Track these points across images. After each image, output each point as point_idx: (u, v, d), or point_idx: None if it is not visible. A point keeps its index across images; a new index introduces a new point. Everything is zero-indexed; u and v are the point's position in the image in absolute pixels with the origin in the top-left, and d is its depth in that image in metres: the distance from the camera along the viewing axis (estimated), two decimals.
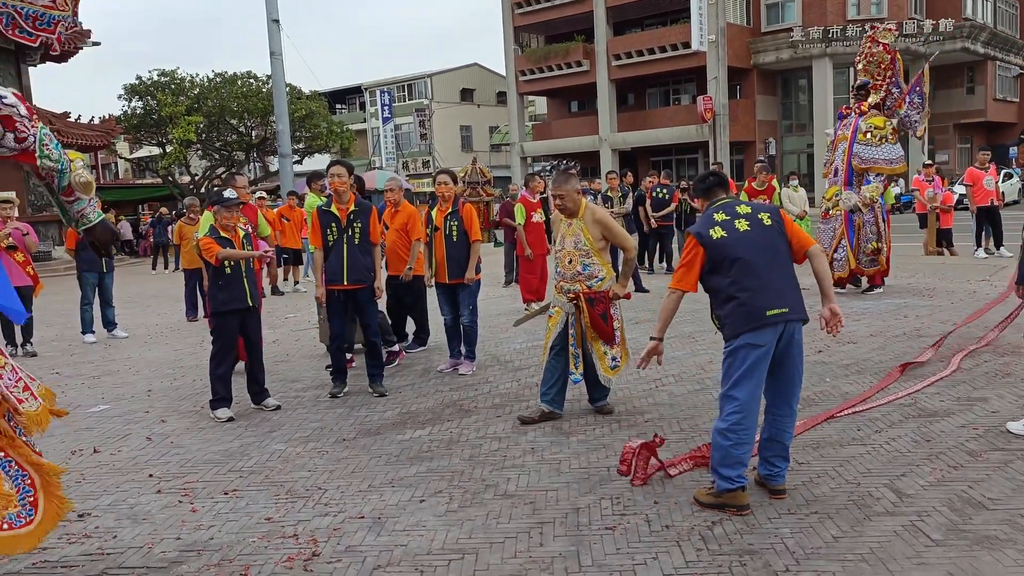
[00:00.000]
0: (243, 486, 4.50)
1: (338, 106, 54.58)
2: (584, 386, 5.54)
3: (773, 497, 3.91)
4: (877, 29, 10.08)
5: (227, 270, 5.91)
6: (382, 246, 6.87)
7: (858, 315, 8.61)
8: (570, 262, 5.32)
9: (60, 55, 25.24)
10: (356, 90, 54.40)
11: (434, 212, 6.94)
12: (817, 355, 6.71)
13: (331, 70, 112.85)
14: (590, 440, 4.98)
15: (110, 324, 10.17)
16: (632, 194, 13.17)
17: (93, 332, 9.95)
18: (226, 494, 4.39)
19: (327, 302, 6.34)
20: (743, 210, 3.95)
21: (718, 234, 3.86)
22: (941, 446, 4.51)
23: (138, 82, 32.00)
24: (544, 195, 11.30)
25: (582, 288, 5.27)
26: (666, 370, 6.67)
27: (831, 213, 9.89)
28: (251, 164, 39.00)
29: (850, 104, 10.09)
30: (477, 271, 6.90)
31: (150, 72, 33.75)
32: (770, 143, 37.14)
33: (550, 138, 43.05)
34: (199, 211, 10.16)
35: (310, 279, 13.97)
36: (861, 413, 5.18)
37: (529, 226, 10.45)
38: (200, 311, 10.22)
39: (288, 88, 26.40)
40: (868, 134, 9.48)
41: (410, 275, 7.68)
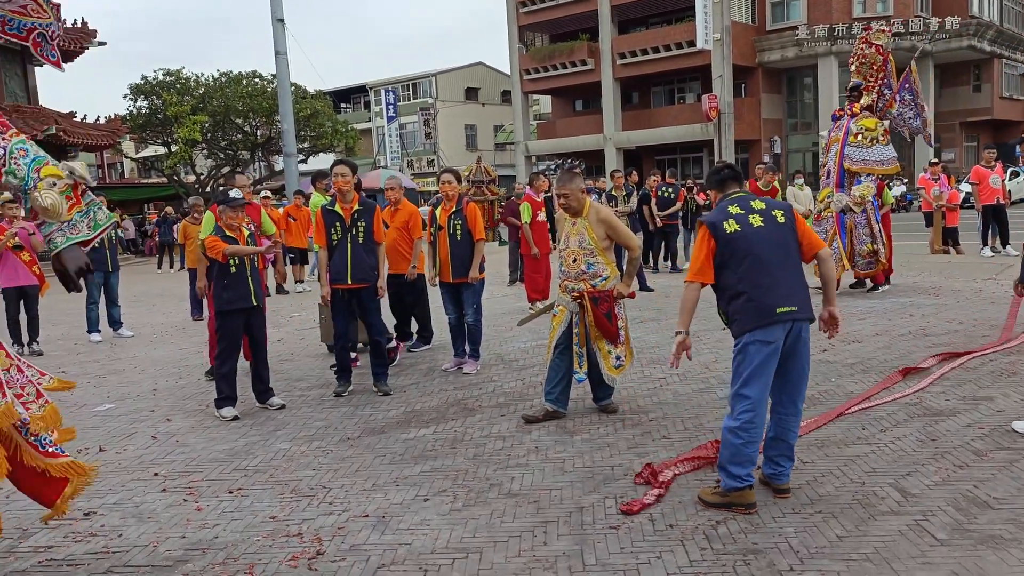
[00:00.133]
0: (248, 485, 4.51)
1: (343, 105, 54.62)
2: (588, 385, 5.54)
3: (777, 496, 3.91)
4: (871, 30, 10.06)
5: (232, 269, 5.92)
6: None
7: (863, 314, 8.60)
8: (574, 261, 5.31)
9: (66, 55, 25.34)
10: (361, 89, 54.46)
11: (438, 211, 6.95)
12: (822, 354, 6.69)
13: (336, 69, 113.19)
14: (594, 439, 4.98)
15: (116, 323, 10.20)
16: (636, 193, 13.15)
17: (99, 331, 9.98)
18: (231, 493, 4.40)
19: (331, 301, 6.35)
20: (758, 205, 3.93)
21: (732, 228, 3.84)
22: (946, 445, 4.50)
23: (143, 82, 32.04)
24: (548, 194, 11.30)
25: (586, 287, 5.26)
26: (670, 369, 6.64)
27: (823, 215, 9.88)
28: (256, 163, 39.03)
29: (843, 106, 10.09)
30: (481, 270, 6.91)
31: (155, 72, 33.85)
32: (775, 141, 37.07)
33: (555, 137, 43.05)
34: (203, 210, 10.17)
35: (314, 278, 14.00)
36: (866, 412, 5.18)
37: (534, 225, 10.45)
38: (205, 311, 10.23)
39: (293, 87, 26.44)
40: (859, 136, 9.46)
41: (414, 274, 7.72)
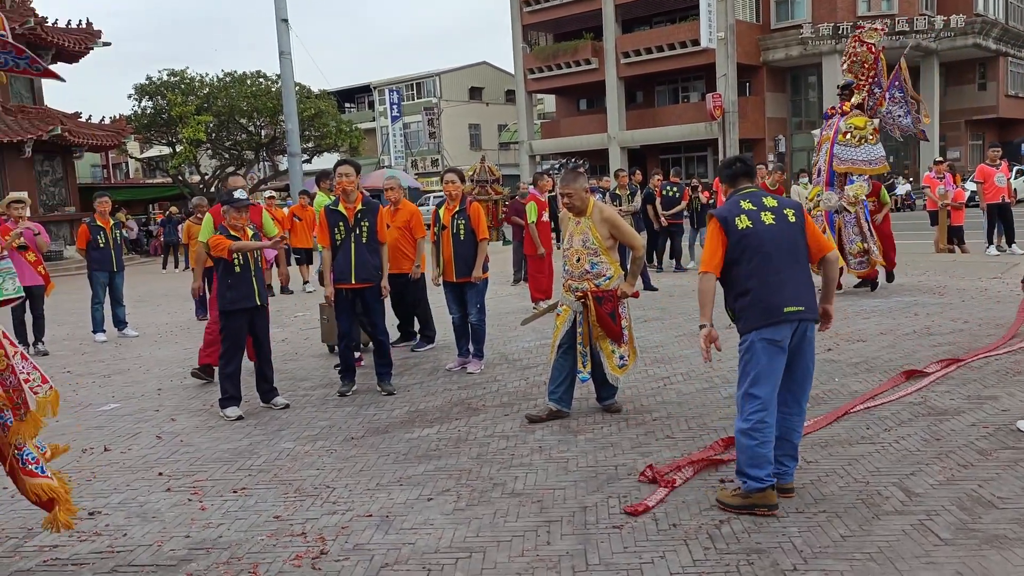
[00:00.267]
0: (252, 484, 4.52)
1: (347, 105, 54.66)
2: (592, 385, 5.54)
3: (781, 496, 3.88)
4: (863, 28, 10.02)
5: (236, 269, 5.93)
6: None
7: (868, 313, 8.58)
8: (578, 260, 5.31)
9: (71, 56, 25.42)
10: (365, 89, 54.49)
11: (441, 211, 6.95)
12: (826, 353, 6.68)
13: (340, 69, 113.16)
14: (598, 439, 4.97)
15: (121, 323, 10.22)
16: (640, 192, 13.14)
17: (104, 331, 10.00)
18: (235, 492, 4.41)
19: (335, 301, 6.36)
20: (770, 203, 3.90)
21: (744, 224, 3.81)
22: (951, 445, 4.49)
23: (148, 82, 32.11)
24: (552, 194, 11.30)
25: (590, 287, 5.26)
26: (674, 368, 6.66)
27: (812, 214, 9.87)
28: (260, 163, 39.10)
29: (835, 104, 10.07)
30: (484, 269, 6.91)
31: (160, 72, 33.89)
32: (779, 140, 37.01)
33: (559, 136, 43.02)
34: (207, 210, 10.19)
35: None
36: (870, 411, 5.16)
37: (539, 224, 10.45)
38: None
39: (297, 87, 26.49)
40: (848, 134, 9.43)
41: (418, 273, 7.75)
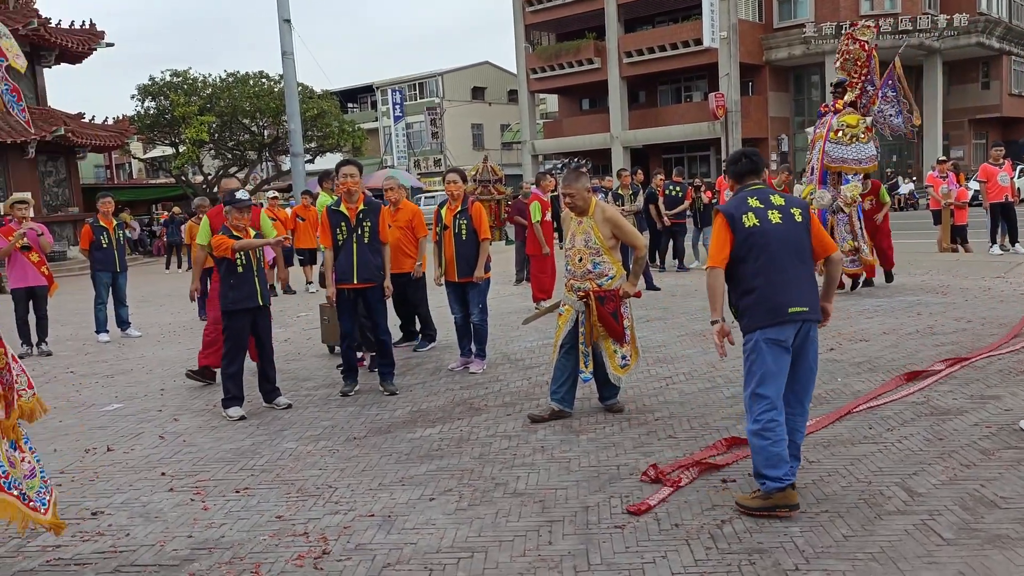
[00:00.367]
0: (254, 484, 4.53)
1: (350, 105, 54.70)
2: (594, 384, 5.54)
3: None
4: (856, 26, 10.00)
5: (239, 269, 5.93)
6: None
7: (871, 312, 8.57)
8: (580, 260, 5.31)
9: (75, 56, 25.49)
10: (367, 89, 54.52)
11: (443, 210, 6.95)
12: (829, 353, 6.67)
13: (342, 69, 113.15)
14: (600, 439, 4.97)
15: (124, 323, 10.24)
16: (642, 192, 13.14)
17: (107, 331, 10.02)
18: (237, 492, 4.42)
19: (337, 301, 6.37)
20: (777, 201, 3.88)
21: (751, 221, 3.80)
22: (953, 444, 4.48)
23: (151, 83, 32.17)
24: (554, 193, 11.30)
25: (592, 286, 5.26)
26: (676, 368, 6.66)
27: None
28: (263, 163, 39.13)
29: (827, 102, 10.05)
30: (486, 269, 6.91)
31: (163, 73, 33.94)
32: (782, 140, 36.96)
33: (561, 136, 43.00)
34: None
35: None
36: (873, 411, 5.16)
37: (542, 224, 10.45)
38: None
39: (300, 87, 26.47)
40: (840, 132, 9.40)
41: (420, 271, 7.77)
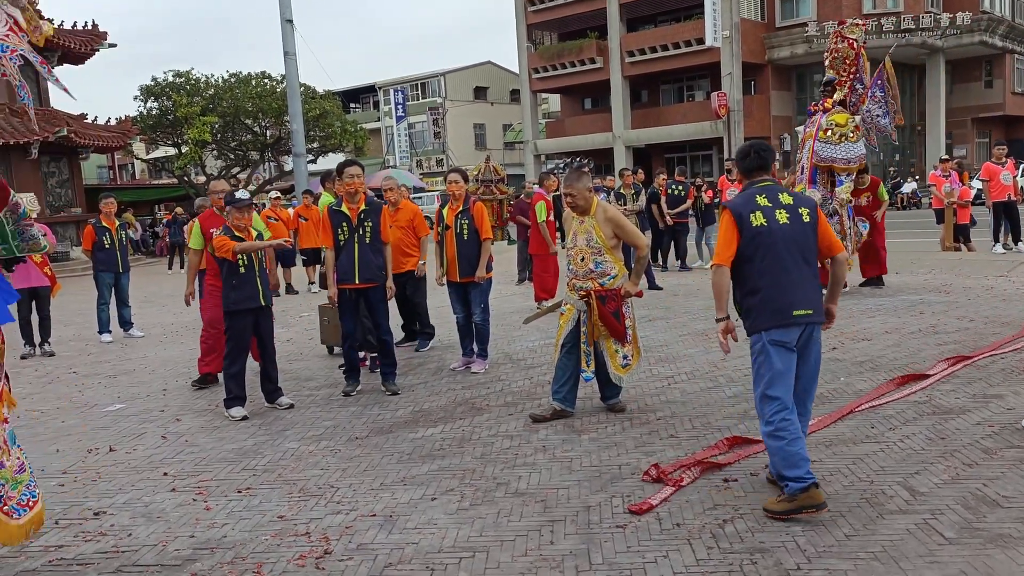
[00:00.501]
0: (256, 484, 4.54)
1: (352, 105, 54.71)
2: (596, 384, 5.54)
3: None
4: (845, 24, 9.95)
5: (241, 269, 5.94)
6: None
7: (873, 312, 8.55)
8: (582, 260, 5.31)
9: (77, 57, 25.51)
10: (370, 89, 54.52)
11: (445, 210, 6.96)
12: (831, 352, 6.66)
13: (345, 69, 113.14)
14: (602, 438, 4.97)
15: (126, 324, 10.25)
16: (645, 191, 13.12)
17: (110, 332, 10.04)
18: (240, 492, 4.42)
19: (339, 301, 6.37)
20: (785, 200, 3.85)
21: (758, 221, 3.77)
22: (956, 443, 4.48)
23: (153, 83, 32.21)
24: (557, 193, 11.30)
25: (594, 286, 5.26)
26: (679, 367, 6.66)
27: None
28: (266, 164, 39.15)
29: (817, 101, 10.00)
30: (488, 269, 6.91)
31: (165, 73, 33.94)
32: (785, 139, 36.89)
33: (564, 135, 42.98)
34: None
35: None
36: (875, 410, 5.15)
37: (548, 223, 10.45)
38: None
39: (302, 88, 26.49)
40: (829, 132, 9.35)
41: (424, 270, 7.78)
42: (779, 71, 37.49)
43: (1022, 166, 24.19)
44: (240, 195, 6.03)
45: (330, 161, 31.45)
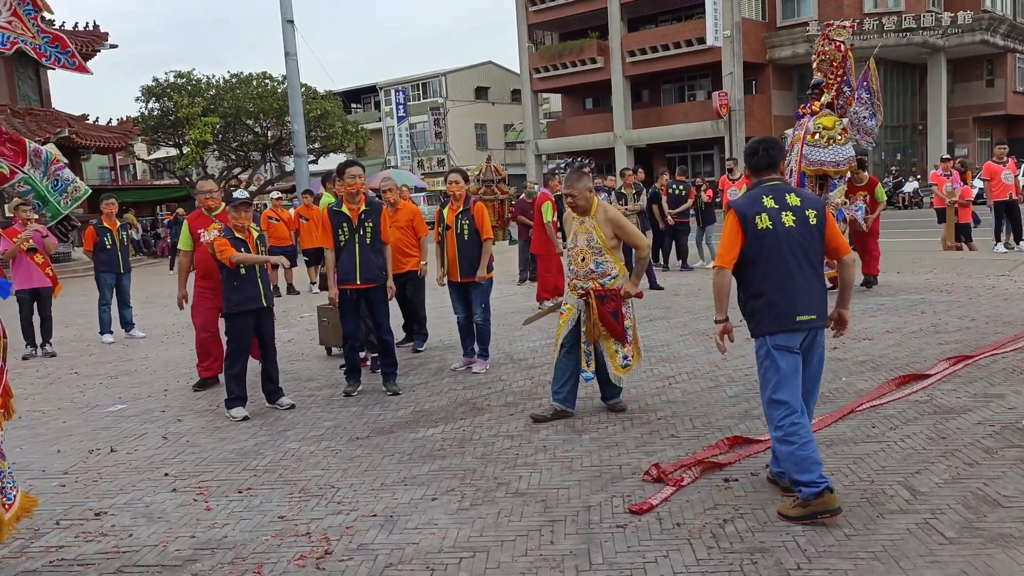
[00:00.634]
0: (257, 485, 4.54)
1: (353, 105, 54.75)
2: (597, 383, 5.54)
3: (786, 495, 3.88)
4: (832, 26, 9.93)
5: (242, 270, 5.96)
6: None
7: (874, 311, 8.55)
8: (583, 260, 5.31)
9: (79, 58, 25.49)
10: (371, 89, 54.57)
11: (445, 210, 6.96)
12: (832, 352, 6.66)
13: (346, 70, 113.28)
14: (602, 438, 4.97)
15: (128, 324, 10.26)
16: (646, 191, 13.12)
17: (111, 332, 10.04)
18: (240, 493, 4.43)
19: (339, 302, 6.37)
20: (792, 201, 3.77)
21: (763, 223, 3.71)
22: (957, 443, 4.47)
23: (155, 84, 32.23)
24: (559, 193, 11.30)
25: (595, 286, 5.26)
26: (679, 367, 6.65)
27: None
28: (267, 164, 39.18)
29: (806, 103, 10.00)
30: (489, 269, 6.91)
31: (166, 74, 33.99)
32: (786, 138, 36.87)
33: (565, 135, 42.99)
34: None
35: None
36: (876, 409, 5.15)
37: (545, 224, 10.45)
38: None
39: (303, 88, 26.51)
40: (816, 135, 9.32)
41: (426, 269, 7.79)
42: (780, 71, 37.47)
43: (1023, 165, 24.16)
44: (238, 194, 6.04)
45: (331, 161, 31.44)
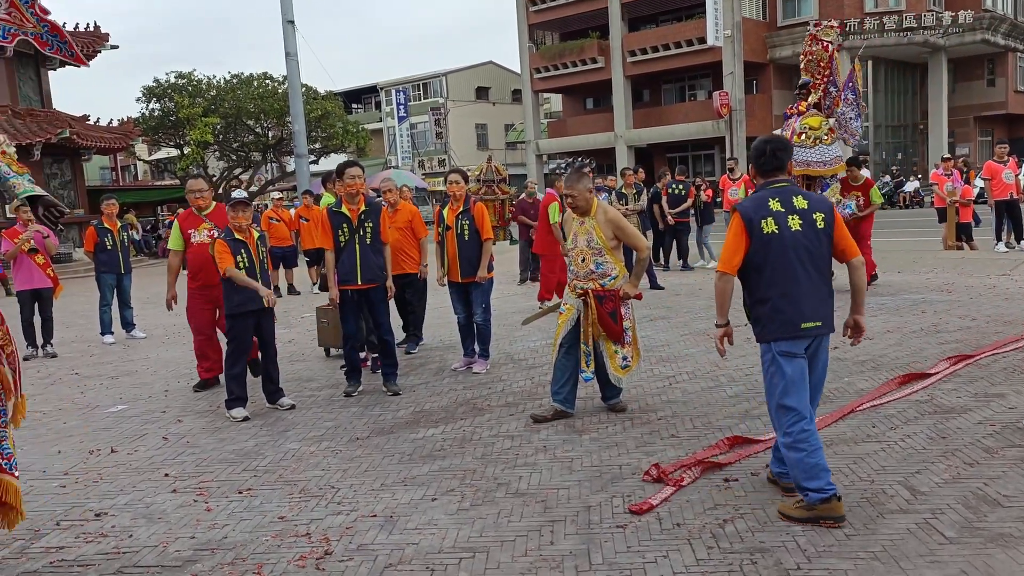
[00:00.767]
0: (257, 485, 4.54)
1: (354, 106, 54.75)
2: (597, 384, 5.54)
3: (786, 495, 3.88)
4: (820, 26, 9.91)
5: (242, 271, 5.95)
6: None
7: (875, 311, 8.54)
8: (583, 261, 5.30)
9: (80, 59, 25.50)
10: (371, 89, 54.59)
11: (445, 211, 6.96)
12: (833, 351, 6.58)
13: (346, 70, 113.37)
14: (603, 438, 4.97)
15: (128, 325, 10.26)
16: (647, 191, 13.12)
17: (112, 333, 10.05)
18: (240, 493, 4.43)
19: (340, 302, 6.37)
20: (800, 204, 3.69)
21: (769, 228, 3.64)
22: (957, 443, 4.47)
23: (155, 84, 32.24)
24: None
25: (595, 286, 5.26)
26: (679, 367, 6.65)
27: None
28: (268, 164, 39.18)
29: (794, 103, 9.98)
30: (490, 269, 6.91)
31: (167, 74, 34.01)
32: None
33: (565, 135, 43.02)
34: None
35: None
36: (876, 409, 5.15)
37: (547, 225, 10.44)
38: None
39: (304, 88, 26.52)
40: (803, 135, 9.29)
41: (426, 272, 7.78)
42: (781, 70, 37.45)
43: None
44: (236, 194, 6.05)
45: (332, 162, 31.40)
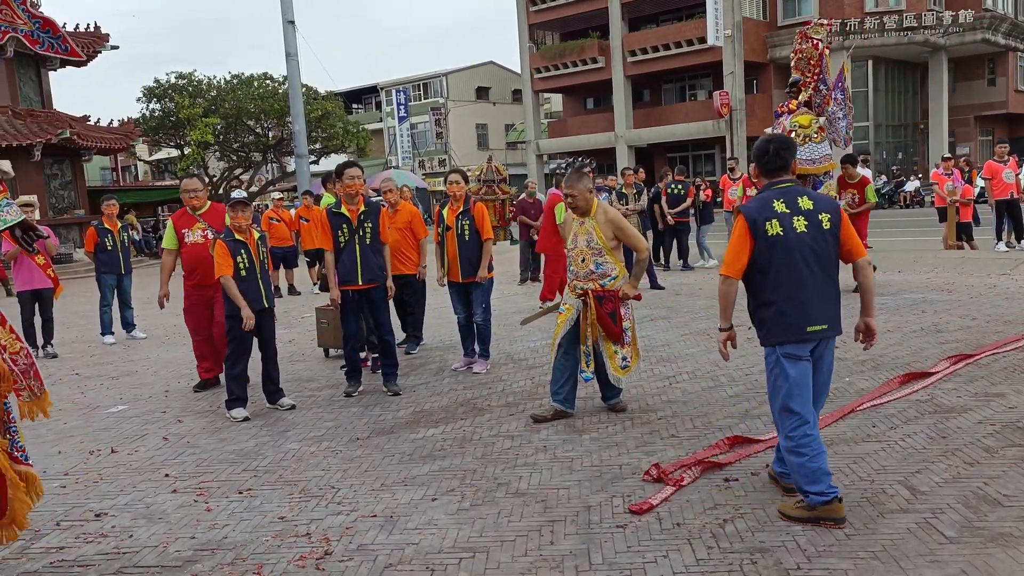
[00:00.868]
0: (257, 485, 4.54)
1: (354, 106, 54.76)
2: (597, 383, 5.54)
3: (786, 495, 3.88)
4: (811, 24, 9.91)
5: (242, 272, 5.96)
6: None
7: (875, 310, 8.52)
8: (583, 261, 5.30)
9: (80, 59, 25.52)
10: (372, 90, 54.59)
11: (445, 211, 6.96)
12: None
13: (347, 70, 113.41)
14: (603, 438, 4.97)
15: (129, 325, 10.27)
16: (647, 191, 13.11)
17: (112, 333, 10.05)
18: (240, 493, 4.43)
19: (341, 303, 6.38)
20: (805, 205, 3.64)
21: (774, 230, 3.59)
22: (957, 442, 4.47)
23: (156, 85, 32.25)
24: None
25: (595, 287, 5.26)
26: (680, 367, 6.65)
27: None
28: (268, 165, 39.19)
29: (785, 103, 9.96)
30: (490, 269, 6.91)
31: (167, 75, 34.03)
32: None
33: (566, 135, 43.02)
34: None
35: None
36: (876, 409, 5.14)
37: (554, 225, 10.44)
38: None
39: (304, 89, 26.52)
40: (792, 133, 9.26)
41: (424, 273, 7.77)
42: (781, 70, 37.35)
43: None
44: (235, 194, 6.06)
45: (332, 162, 31.41)
